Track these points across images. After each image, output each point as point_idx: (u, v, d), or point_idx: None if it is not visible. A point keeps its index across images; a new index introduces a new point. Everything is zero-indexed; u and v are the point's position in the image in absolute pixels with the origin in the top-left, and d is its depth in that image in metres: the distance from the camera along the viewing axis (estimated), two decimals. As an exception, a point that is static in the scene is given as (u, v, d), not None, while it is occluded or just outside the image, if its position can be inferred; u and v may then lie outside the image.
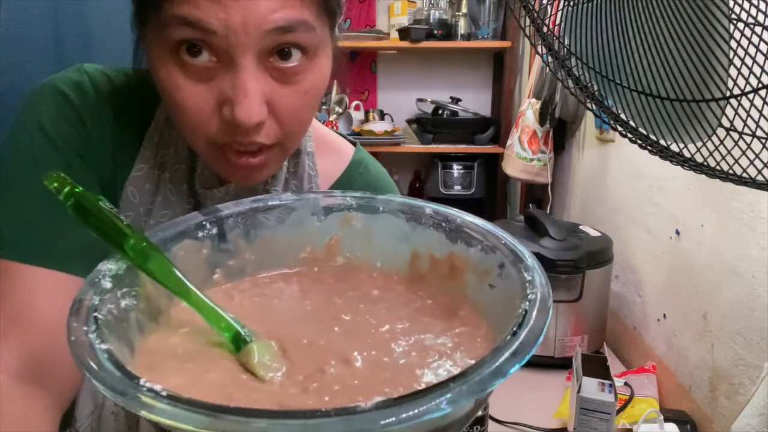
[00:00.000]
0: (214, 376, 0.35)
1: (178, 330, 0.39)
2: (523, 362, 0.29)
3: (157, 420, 0.26)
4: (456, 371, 0.30)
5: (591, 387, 0.87)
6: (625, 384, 1.09)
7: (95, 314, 0.33)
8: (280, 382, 0.34)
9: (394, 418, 0.25)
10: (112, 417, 0.58)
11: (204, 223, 0.44)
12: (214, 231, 0.44)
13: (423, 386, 0.27)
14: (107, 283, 0.36)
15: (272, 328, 0.39)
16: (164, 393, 0.27)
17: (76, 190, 0.37)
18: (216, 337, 0.37)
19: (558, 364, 1.22)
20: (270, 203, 0.46)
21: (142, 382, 0.28)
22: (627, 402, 1.04)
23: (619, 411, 1.00)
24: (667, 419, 0.92)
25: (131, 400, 0.27)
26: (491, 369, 0.28)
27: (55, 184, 0.37)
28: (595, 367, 0.90)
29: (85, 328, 0.32)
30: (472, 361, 0.30)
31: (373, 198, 0.46)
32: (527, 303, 0.33)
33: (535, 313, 0.32)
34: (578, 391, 0.87)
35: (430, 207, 0.45)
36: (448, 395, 0.26)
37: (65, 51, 0.82)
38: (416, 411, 0.25)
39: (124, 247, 0.36)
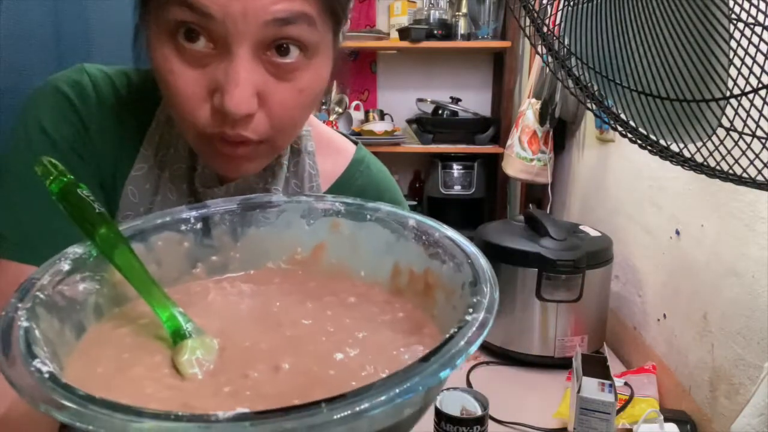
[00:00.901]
0: (139, 370, 0.35)
1: (137, 320, 0.39)
2: (420, 391, 0.26)
3: (27, 400, 0.26)
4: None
5: (591, 387, 0.87)
6: (625, 384, 1.09)
7: (37, 293, 0.34)
8: (200, 381, 0.34)
9: None
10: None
11: (188, 217, 0.44)
12: (199, 226, 0.44)
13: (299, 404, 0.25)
14: (65, 266, 0.37)
15: (227, 326, 0.39)
16: (47, 375, 0.27)
17: (63, 178, 0.39)
18: (162, 329, 0.38)
19: (558, 364, 1.22)
20: (260, 202, 0.46)
21: (35, 362, 0.28)
22: (627, 402, 1.04)
23: (619, 411, 1.00)
24: (667, 419, 0.92)
25: (16, 377, 0.27)
26: (381, 394, 0.25)
27: (43, 168, 0.39)
28: (595, 367, 0.90)
29: (20, 304, 0.33)
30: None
31: (363, 205, 0.46)
32: (457, 327, 0.31)
33: (464, 338, 0.30)
34: (578, 391, 0.87)
35: (413, 218, 0.44)
36: (318, 418, 0.24)
37: (65, 51, 0.82)
38: (271, 429, 0.24)
39: (94, 235, 0.37)
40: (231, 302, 0.43)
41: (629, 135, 0.60)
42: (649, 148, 0.59)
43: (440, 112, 2.41)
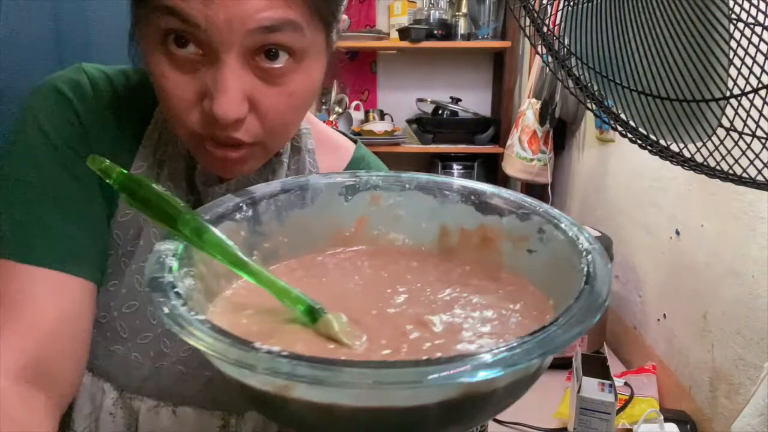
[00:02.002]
0: (302, 347, 0.34)
1: (242, 312, 0.38)
2: (602, 312, 0.30)
3: (281, 379, 0.26)
4: (536, 326, 0.31)
5: (591, 387, 0.87)
6: (625, 384, 1.09)
7: (176, 290, 0.33)
8: (367, 348, 0.34)
9: (536, 352, 0.26)
10: (110, 418, 0.58)
11: (241, 205, 0.44)
12: (250, 213, 0.44)
13: (513, 340, 0.28)
14: (173, 262, 0.36)
15: (333, 304, 0.38)
16: (284, 353, 0.27)
17: (124, 173, 0.37)
18: (284, 314, 0.37)
19: (558, 364, 1.22)
20: (298, 184, 0.46)
21: (257, 345, 0.28)
22: (627, 402, 1.04)
23: (619, 411, 1.00)
24: (667, 419, 0.92)
25: (253, 366, 0.27)
26: (581, 313, 0.29)
27: (103, 166, 0.37)
28: (595, 367, 0.90)
29: (173, 302, 0.31)
30: (535, 314, 0.33)
31: (399, 176, 0.47)
32: (587, 255, 0.35)
33: (598, 264, 0.34)
34: (578, 391, 0.87)
35: (457, 182, 0.46)
36: (560, 333, 0.28)
37: (65, 51, 0.82)
38: (532, 355, 0.26)
39: (177, 225, 0.36)
40: (312, 285, 0.43)
41: (629, 135, 0.60)
42: (649, 148, 0.59)
43: (440, 112, 2.41)
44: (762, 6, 0.46)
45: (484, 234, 0.44)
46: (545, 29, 0.62)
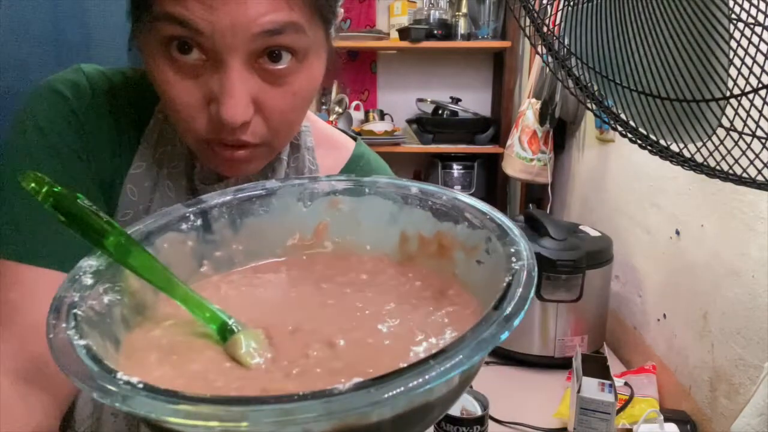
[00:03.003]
0: (197, 366, 0.34)
1: (162, 323, 0.39)
2: (506, 334, 0.28)
3: (134, 413, 0.26)
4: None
5: (591, 387, 0.87)
6: (625, 384, 1.09)
7: (74, 311, 0.33)
8: (265, 368, 0.34)
9: (372, 399, 0.24)
10: (111, 419, 0.58)
11: (188, 215, 0.43)
12: (199, 222, 0.43)
13: (405, 365, 0.27)
14: (88, 280, 0.36)
15: (258, 317, 0.39)
16: (140, 385, 0.27)
17: (55, 189, 0.36)
18: (201, 327, 0.37)
19: (558, 364, 1.22)
20: (254, 191, 0.45)
21: (119, 375, 0.27)
22: (627, 402, 1.04)
23: (619, 411, 1.00)
24: (667, 419, 0.92)
25: (108, 395, 0.27)
26: (474, 343, 0.27)
27: (33, 185, 0.36)
28: (595, 367, 0.90)
29: (64, 325, 0.32)
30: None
31: (359, 180, 0.46)
32: (510, 275, 0.33)
33: (520, 284, 0.32)
34: (578, 391, 0.87)
35: (415, 186, 0.44)
36: (431, 373, 0.25)
37: (65, 51, 0.82)
38: (397, 390, 0.25)
39: (104, 243, 0.36)
40: (247, 294, 0.43)
41: (629, 135, 0.60)
42: (649, 148, 0.59)
43: (440, 112, 2.41)
44: (762, 6, 0.46)
45: (440, 241, 0.43)
46: (545, 29, 0.62)
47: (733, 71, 0.49)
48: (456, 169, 2.35)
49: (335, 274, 0.44)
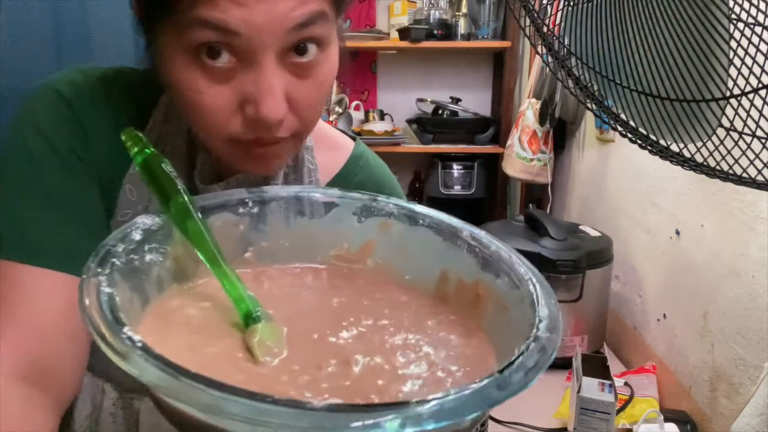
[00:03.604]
0: (212, 350, 0.35)
1: (201, 303, 0.39)
2: (483, 410, 0.27)
3: (118, 364, 0.26)
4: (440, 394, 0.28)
5: (591, 387, 0.87)
6: (625, 384, 1.09)
7: (113, 260, 0.34)
8: (274, 367, 0.34)
9: (339, 423, 0.24)
10: (110, 419, 0.58)
11: (247, 200, 0.44)
12: (256, 210, 0.44)
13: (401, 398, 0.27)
14: (137, 235, 0.38)
15: (291, 316, 0.39)
16: (139, 344, 0.27)
17: (146, 150, 0.41)
18: (234, 317, 0.37)
19: (558, 364, 1.21)
20: (315, 195, 0.47)
21: (125, 329, 0.28)
22: (627, 402, 1.04)
23: (619, 411, 1.00)
24: (667, 419, 0.92)
25: (105, 343, 0.28)
26: (449, 406, 0.26)
27: (129, 143, 0.41)
28: (595, 367, 0.90)
29: (99, 269, 0.33)
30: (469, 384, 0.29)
31: (413, 209, 0.46)
32: (525, 346, 0.31)
33: (533, 358, 0.30)
34: (578, 391, 0.87)
35: (467, 229, 0.44)
36: (397, 420, 0.25)
37: (65, 51, 0.82)
38: (360, 423, 0.24)
39: (169, 204, 0.39)
40: (289, 293, 0.43)
41: (629, 135, 0.60)
42: (649, 148, 0.59)
43: (440, 112, 2.41)
44: (762, 6, 0.46)
45: (478, 291, 0.42)
46: (545, 29, 0.62)
47: (733, 71, 0.49)
48: (456, 169, 2.35)
49: (375, 291, 0.44)
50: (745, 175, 0.51)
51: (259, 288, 0.43)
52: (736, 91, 0.49)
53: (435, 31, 2.25)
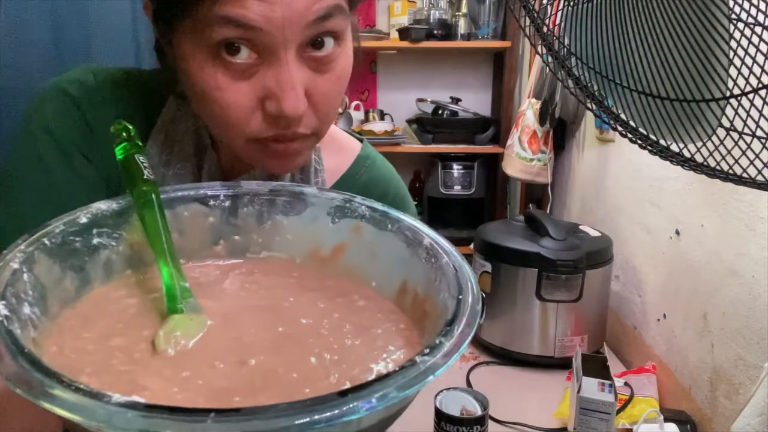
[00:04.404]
0: (120, 341, 0.35)
1: (148, 294, 0.40)
2: (355, 415, 0.25)
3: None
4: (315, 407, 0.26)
5: (591, 387, 0.87)
6: (625, 384, 1.09)
7: (43, 239, 0.36)
8: (165, 360, 0.34)
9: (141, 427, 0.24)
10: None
11: (219, 194, 0.45)
12: (227, 204, 0.45)
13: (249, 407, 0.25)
14: (83, 218, 0.39)
15: (230, 313, 0.39)
16: (8, 326, 0.28)
17: (128, 143, 0.43)
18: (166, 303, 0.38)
19: (558, 364, 1.22)
20: (291, 192, 0.46)
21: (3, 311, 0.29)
22: (627, 402, 1.04)
23: (619, 411, 1.00)
24: (667, 419, 0.92)
25: None
26: (318, 414, 0.25)
27: (116, 131, 0.44)
28: (595, 367, 0.90)
29: (22, 246, 0.34)
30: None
31: (387, 213, 0.45)
32: (404, 365, 0.29)
33: (392, 383, 0.27)
34: (578, 391, 0.87)
35: (429, 237, 0.43)
36: (199, 425, 0.24)
37: (65, 52, 0.82)
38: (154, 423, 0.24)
39: (132, 191, 0.40)
40: (244, 290, 0.43)
41: (629, 135, 0.60)
42: (649, 148, 0.59)
43: (440, 112, 2.41)
44: (762, 6, 0.46)
45: (424, 308, 0.40)
46: (545, 29, 0.62)
47: (733, 71, 0.49)
48: (456, 169, 2.35)
49: (337, 295, 0.43)
50: (745, 175, 0.51)
51: (221, 282, 0.42)
52: (736, 91, 0.49)
53: (435, 31, 2.25)
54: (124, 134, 0.43)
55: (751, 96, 0.47)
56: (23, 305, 0.31)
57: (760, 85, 0.46)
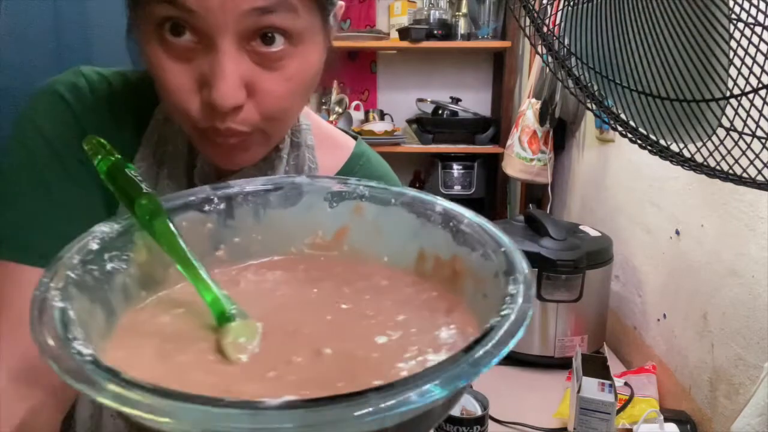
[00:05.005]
0: (183, 358, 0.34)
1: (173, 310, 0.38)
2: (464, 382, 0.26)
3: (69, 383, 0.26)
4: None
5: (591, 387, 0.87)
6: (625, 384, 1.09)
7: (68, 272, 0.33)
8: (244, 366, 0.34)
9: (298, 422, 0.24)
10: (111, 420, 0.58)
11: (212, 197, 0.43)
12: (222, 206, 0.43)
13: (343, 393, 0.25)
14: (94, 245, 0.36)
15: (266, 312, 0.38)
16: (89, 358, 0.27)
17: (111, 157, 0.40)
18: (210, 318, 0.37)
19: (558, 364, 1.22)
20: (282, 183, 0.45)
21: (74, 344, 0.28)
22: (627, 402, 1.04)
23: (619, 411, 1.00)
24: (667, 419, 0.92)
25: (52, 357, 0.27)
26: (405, 395, 0.25)
27: (92, 148, 0.40)
28: (595, 367, 0.90)
29: (52, 284, 0.32)
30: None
31: (387, 189, 0.45)
32: (498, 319, 0.31)
33: (499, 333, 0.29)
34: (578, 391, 0.87)
35: (440, 204, 0.43)
36: (364, 408, 0.24)
37: (65, 51, 0.82)
38: (322, 419, 0.24)
39: (134, 205, 0.38)
40: (265, 289, 0.42)
41: (629, 135, 0.60)
42: (649, 148, 0.59)
43: (440, 112, 2.41)
44: (762, 6, 0.46)
45: (454, 267, 0.42)
46: (545, 29, 0.62)
47: (733, 71, 0.49)
48: (456, 169, 2.35)
49: (356, 279, 0.43)
50: (745, 175, 0.51)
51: (235, 286, 0.42)
52: (736, 91, 0.49)
53: (435, 31, 2.25)
54: (102, 149, 0.41)
55: (751, 96, 0.47)
56: (86, 347, 0.29)
57: (760, 85, 0.46)
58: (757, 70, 0.46)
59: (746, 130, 0.50)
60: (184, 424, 0.24)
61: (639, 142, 0.59)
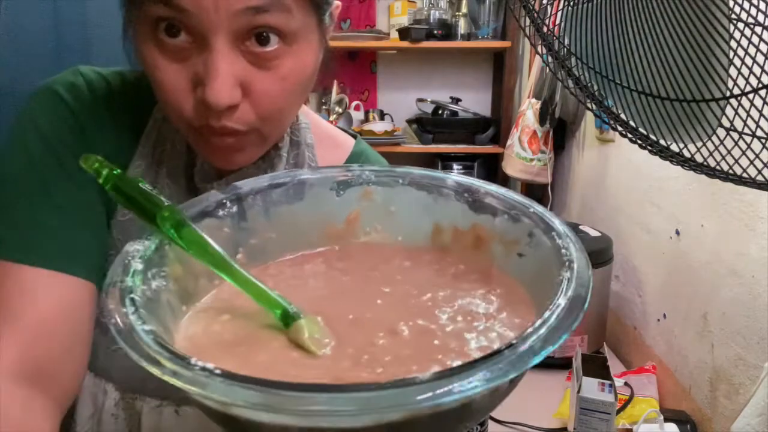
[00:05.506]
0: (264, 357, 0.34)
1: (218, 318, 0.38)
2: (573, 327, 0.29)
3: (215, 398, 0.25)
4: (508, 334, 0.31)
5: (591, 387, 0.87)
6: (625, 384, 1.09)
7: (131, 296, 0.32)
8: (331, 356, 0.34)
9: (455, 389, 0.24)
10: (112, 419, 0.58)
11: (224, 201, 0.43)
12: (235, 209, 0.43)
13: (476, 352, 0.27)
14: (138, 264, 0.35)
15: (314, 306, 0.38)
16: (218, 371, 0.26)
17: (114, 172, 0.39)
18: (261, 319, 0.36)
19: (558, 364, 1.22)
20: (287, 179, 0.45)
21: (193, 361, 0.27)
22: (627, 402, 1.04)
23: (619, 411, 1.00)
24: (667, 419, 0.92)
25: (184, 380, 0.26)
26: (541, 336, 0.28)
27: (96, 166, 0.39)
28: (595, 367, 0.90)
29: (124, 310, 0.31)
30: (518, 322, 0.32)
31: (392, 170, 0.46)
32: (567, 271, 0.33)
33: (574, 281, 0.32)
34: (578, 391, 0.87)
35: (451, 178, 0.44)
36: (500, 364, 0.26)
37: (65, 51, 0.82)
38: (477, 382, 0.25)
39: (156, 219, 0.36)
40: (297, 285, 0.42)
41: (629, 135, 0.60)
42: (649, 148, 0.59)
43: (440, 112, 2.41)
44: (762, 6, 0.46)
45: (477, 234, 0.43)
46: (545, 29, 0.62)
47: (733, 71, 0.49)
48: (456, 169, 2.35)
49: (378, 262, 0.44)
50: (745, 175, 0.51)
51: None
52: (736, 91, 0.49)
53: (435, 31, 2.25)
54: (105, 168, 0.39)
55: (751, 96, 0.47)
56: (200, 361, 0.28)
57: (760, 85, 0.46)
58: (757, 70, 0.46)
59: (746, 130, 0.50)
60: (342, 414, 0.24)
61: (639, 142, 0.59)
